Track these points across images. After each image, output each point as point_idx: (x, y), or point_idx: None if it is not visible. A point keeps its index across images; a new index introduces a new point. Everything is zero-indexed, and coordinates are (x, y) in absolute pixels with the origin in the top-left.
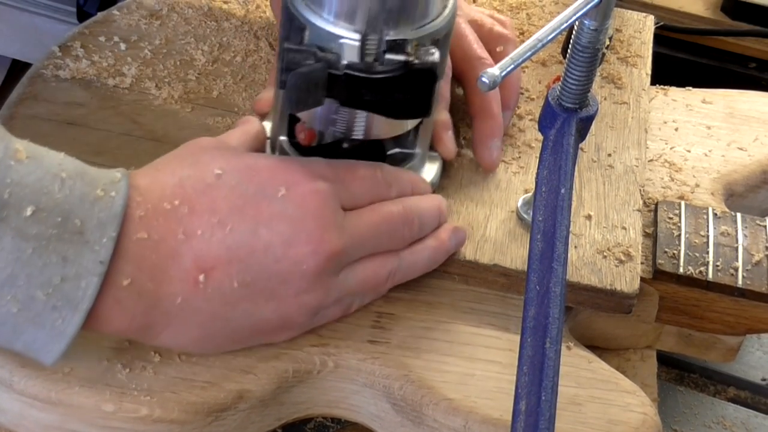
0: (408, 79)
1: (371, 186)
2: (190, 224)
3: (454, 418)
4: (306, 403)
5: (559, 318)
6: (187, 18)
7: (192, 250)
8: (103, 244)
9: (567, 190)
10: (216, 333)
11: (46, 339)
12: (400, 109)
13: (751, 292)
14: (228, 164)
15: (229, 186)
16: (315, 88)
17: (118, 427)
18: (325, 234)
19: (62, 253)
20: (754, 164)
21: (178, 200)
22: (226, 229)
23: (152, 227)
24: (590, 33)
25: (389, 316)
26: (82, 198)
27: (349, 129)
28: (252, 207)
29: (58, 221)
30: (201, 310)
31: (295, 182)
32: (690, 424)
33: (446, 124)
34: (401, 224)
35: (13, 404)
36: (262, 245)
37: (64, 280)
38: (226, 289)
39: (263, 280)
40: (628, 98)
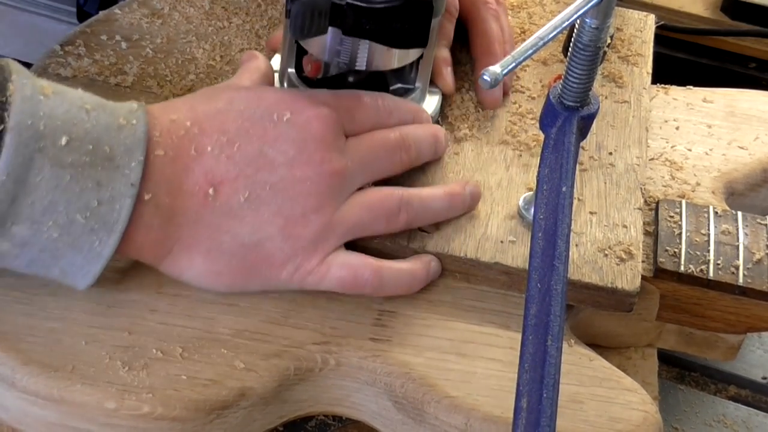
0: (406, 9)
1: (373, 113)
2: (201, 142)
3: (456, 416)
4: (308, 401)
5: (560, 316)
6: (189, 17)
7: (202, 166)
8: (132, 168)
9: (568, 188)
10: (224, 250)
11: (83, 262)
12: (398, 38)
13: (752, 291)
14: (238, 94)
15: (237, 110)
16: (319, 17)
17: (119, 424)
18: (326, 155)
19: (96, 178)
20: (754, 163)
21: (189, 122)
22: (234, 147)
23: (167, 145)
24: (591, 32)
25: (390, 314)
26: (108, 126)
27: (352, 60)
28: (258, 128)
29: (90, 149)
30: (209, 223)
31: (300, 108)
32: (691, 423)
33: (446, 60)
34: (398, 147)
35: (15, 402)
36: (268, 163)
37: (100, 204)
38: (234, 203)
39: (268, 197)
40: (629, 97)
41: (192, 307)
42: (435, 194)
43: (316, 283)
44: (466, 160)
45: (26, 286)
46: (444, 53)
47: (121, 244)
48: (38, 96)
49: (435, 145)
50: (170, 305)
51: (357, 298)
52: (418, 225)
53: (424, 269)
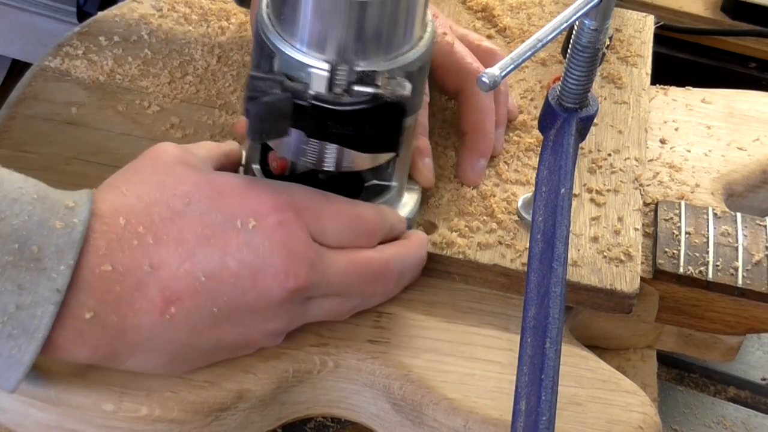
0: (376, 112)
1: (347, 225)
2: (157, 255)
3: (454, 418)
4: (306, 403)
5: (559, 318)
6: (187, 17)
7: (158, 282)
8: (60, 271)
9: (567, 190)
10: (185, 358)
11: (2, 367)
12: (367, 143)
13: (751, 292)
14: (196, 189)
15: (196, 214)
16: (279, 118)
17: (117, 426)
18: (291, 267)
19: (18, 280)
20: (753, 164)
21: (143, 229)
22: (194, 259)
23: (116, 258)
24: (590, 33)
25: (389, 316)
26: (41, 224)
27: (319, 160)
28: (220, 237)
29: (15, 248)
30: (168, 340)
31: (265, 212)
32: (690, 424)
33: (424, 151)
34: (379, 275)
35: (14, 404)
36: (230, 276)
37: (20, 308)
38: (193, 320)
39: (230, 310)
40: (628, 98)
41: None
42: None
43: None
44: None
45: None
46: (421, 143)
47: (60, 353)
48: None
49: (419, 269)
50: None
51: None
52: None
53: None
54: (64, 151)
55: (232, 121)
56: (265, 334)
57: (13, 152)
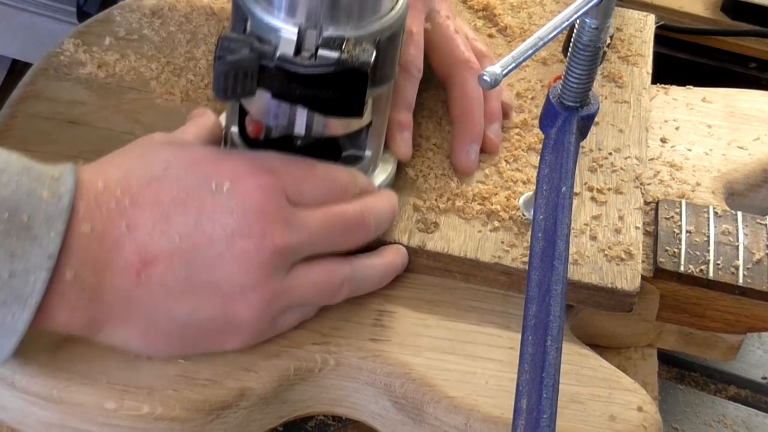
0: (339, 77)
1: (324, 189)
2: (133, 216)
3: (456, 416)
4: (307, 401)
5: (560, 316)
6: (189, 16)
7: (134, 243)
8: (51, 238)
9: (568, 188)
10: (161, 329)
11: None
12: (330, 106)
13: (752, 291)
14: (174, 157)
15: (173, 178)
16: (244, 77)
17: (119, 424)
18: (268, 228)
19: (10, 248)
20: (754, 163)
21: (121, 192)
22: (169, 221)
23: (95, 220)
24: (591, 31)
25: (390, 315)
26: (30, 193)
27: (290, 124)
28: (195, 200)
29: (5, 217)
30: (143, 304)
31: (240, 175)
32: (691, 423)
33: (403, 124)
34: (355, 225)
35: (15, 402)
36: (206, 239)
37: (12, 276)
38: (169, 282)
39: (206, 274)
40: (629, 97)
41: None
42: (376, 266)
43: (267, 337)
44: None
45: None
46: (401, 116)
47: (43, 321)
48: None
49: (392, 218)
50: None
51: (357, 298)
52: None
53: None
54: (65, 149)
55: None
56: (247, 307)
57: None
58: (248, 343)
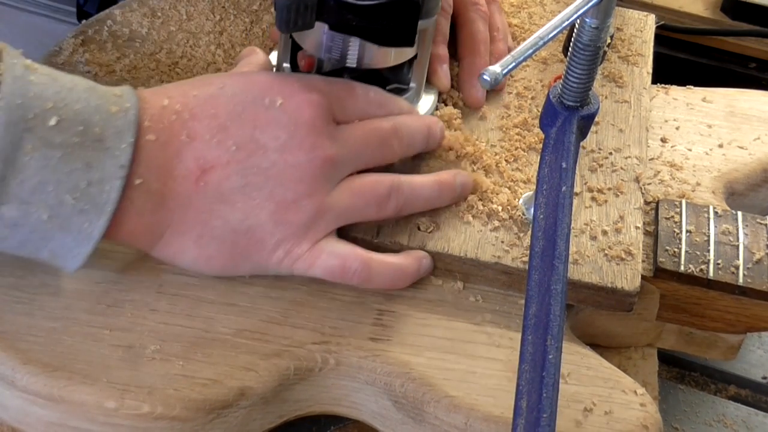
0: (392, 8)
1: (363, 104)
2: (193, 127)
3: (456, 416)
4: (308, 401)
5: (560, 316)
6: (189, 16)
7: (194, 151)
8: (122, 149)
9: (568, 188)
10: (215, 234)
11: (73, 243)
12: (385, 36)
13: (752, 291)
14: (231, 79)
15: (229, 95)
16: (305, 10)
17: (119, 424)
18: (317, 140)
19: (86, 159)
20: (754, 163)
21: (181, 106)
22: (225, 132)
23: (158, 131)
24: (591, 31)
25: (390, 314)
26: (98, 109)
27: (343, 56)
28: (250, 113)
29: (80, 130)
30: (201, 208)
31: (292, 93)
32: (691, 423)
33: (442, 57)
34: (390, 136)
35: (16, 401)
36: (259, 149)
37: (90, 185)
38: (225, 189)
39: (260, 181)
40: (629, 97)
41: (192, 306)
42: (425, 182)
43: (305, 269)
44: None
45: (26, 286)
46: (440, 50)
47: (113, 228)
48: (29, 76)
49: (428, 136)
50: (170, 305)
51: (357, 297)
52: (407, 212)
53: (415, 265)
54: None
55: None
56: (295, 215)
57: None
58: (291, 266)
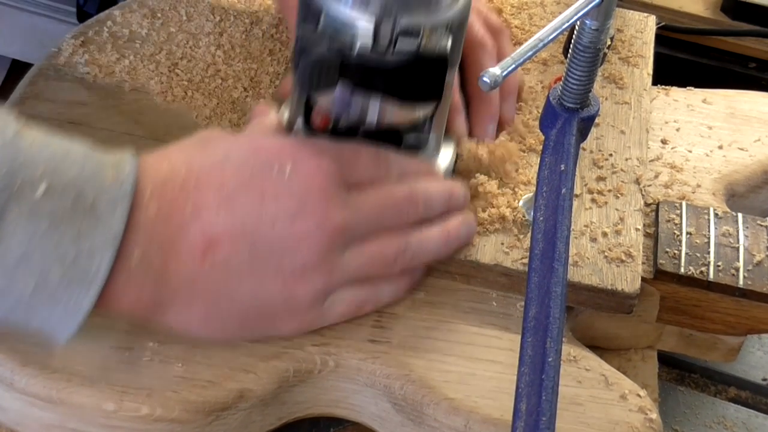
0: (419, 65)
1: (375, 169)
2: (198, 199)
3: (455, 418)
4: (307, 403)
5: (560, 318)
6: (190, 16)
7: (200, 224)
8: (115, 219)
9: (568, 190)
10: (222, 311)
11: (61, 316)
12: (411, 94)
13: (753, 293)
14: (234, 145)
15: (235, 163)
16: (327, 72)
17: (119, 426)
18: (329, 209)
19: (75, 229)
20: (755, 164)
21: (185, 176)
22: (233, 203)
23: (161, 203)
24: (592, 33)
25: (390, 316)
26: (93, 176)
27: (362, 115)
28: (258, 182)
29: (71, 198)
30: (207, 285)
31: (300, 159)
32: (691, 424)
33: (458, 106)
34: (405, 203)
35: (14, 403)
36: (269, 219)
37: (79, 256)
38: (233, 264)
39: (269, 254)
40: (630, 98)
41: None
42: (431, 237)
43: (318, 326)
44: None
45: None
46: (455, 98)
47: (106, 301)
48: (19, 142)
49: (449, 200)
50: None
51: None
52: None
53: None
54: None
55: (234, 118)
56: (306, 287)
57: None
58: (302, 329)
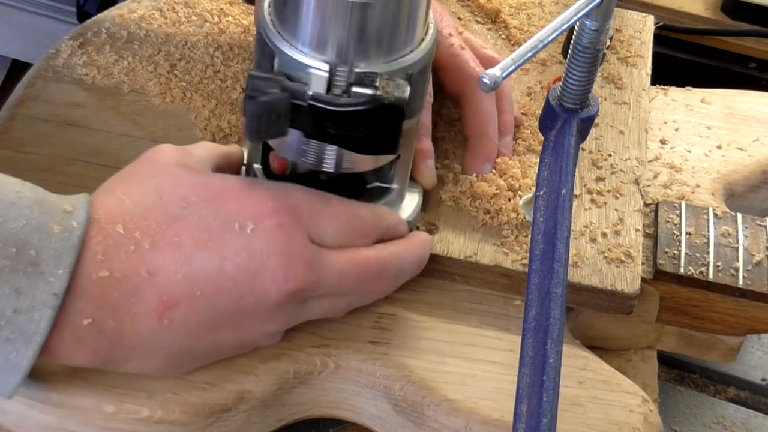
0: (374, 114)
1: (343, 225)
2: (153, 260)
3: (456, 419)
4: (307, 404)
5: (560, 319)
6: (189, 17)
7: (156, 287)
8: (58, 276)
9: (568, 190)
10: (181, 361)
11: (1, 371)
12: (365, 144)
13: (752, 293)
14: (193, 192)
15: (194, 218)
16: (277, 118)
17: (118, 428)
18: (290, 271)
19: (16, 284)
20: (754, 164)
21: (140, 234)
22: (191, 264)
23: (114, 264)
24: (591, 33)
25: (390, 317)
26: (39, 228)
27: (319, 161)
28: (217, 241)
29: (12, 252)
30: (166, 344)
31: (263, 215)
32: (690, 424)
33: (426, 152)
34: (375, 273)
35: (14, 405)
36: (228, 280)
37: (17, 312)
38: (191, 324)
39: (228, 315)
40: (629, 98)
41: None
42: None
43: None
44: None
45: None
46: (423, 145)
47: (58, 357)
48: None
49: (419, 267)
50: None
51: None
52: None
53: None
54: (64, 152)
55: (233, 119)
56: (263, 334)
57: (14, 153)
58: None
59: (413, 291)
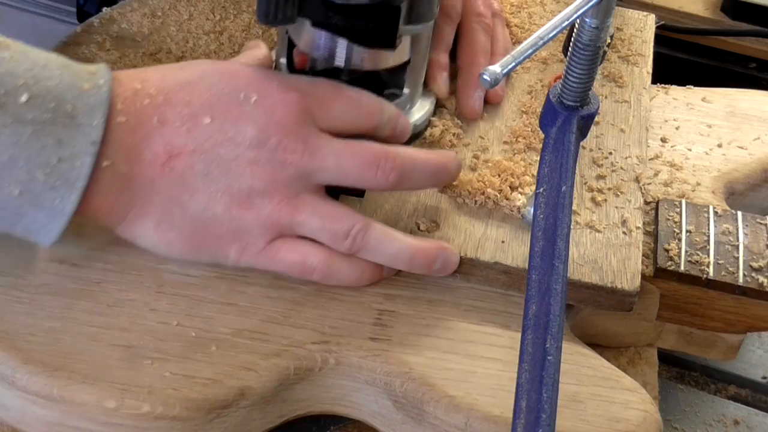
0: (372, 10)
1: (350, 109)
2: (164, 112)
3: (456, 415)
4: (307, 401)
5: (560, 315)
6: (190, 16)
7: (163, 136)
8: (94, 126)
9: (568, 188)
10: (174, 221)
11: (45, 219)
12: (364, 37)
13: (752, 291)
14: (211, 68)
15: (206, 84)
16: (285, 4)
17: (119, 423)
18: (283, 141)
19: (57, 135)
20: (754, 163)
21: (155, 91)
22: (196, 121)
23: (130, 113)
24: (591, 31)
25: (390, 314)
26: (71, 86)
27: (331, 55)
28: (223, 105)
29: (52, 106)
30: (163, 194)
31: (268, 91)
32: (690, 422)
33: (442, 64)
34: (373, 160)
35: (15, 401)
36: (226, 141)
37: (61, 161)
38: (188, 177)
39: (221, 173)
40: (629, 97)
41: (191, 306)
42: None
43: (265, 265)
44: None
45: (26, 286)
46: (441, 57)
47: (81, 205)
48: (1, 53)
49: (437, 174)
50: (170, 304)
51: (357, 297)
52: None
53: (376, 269)
54: None
55: None
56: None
57: None
58: (248, 261)
59: (413, 288)
